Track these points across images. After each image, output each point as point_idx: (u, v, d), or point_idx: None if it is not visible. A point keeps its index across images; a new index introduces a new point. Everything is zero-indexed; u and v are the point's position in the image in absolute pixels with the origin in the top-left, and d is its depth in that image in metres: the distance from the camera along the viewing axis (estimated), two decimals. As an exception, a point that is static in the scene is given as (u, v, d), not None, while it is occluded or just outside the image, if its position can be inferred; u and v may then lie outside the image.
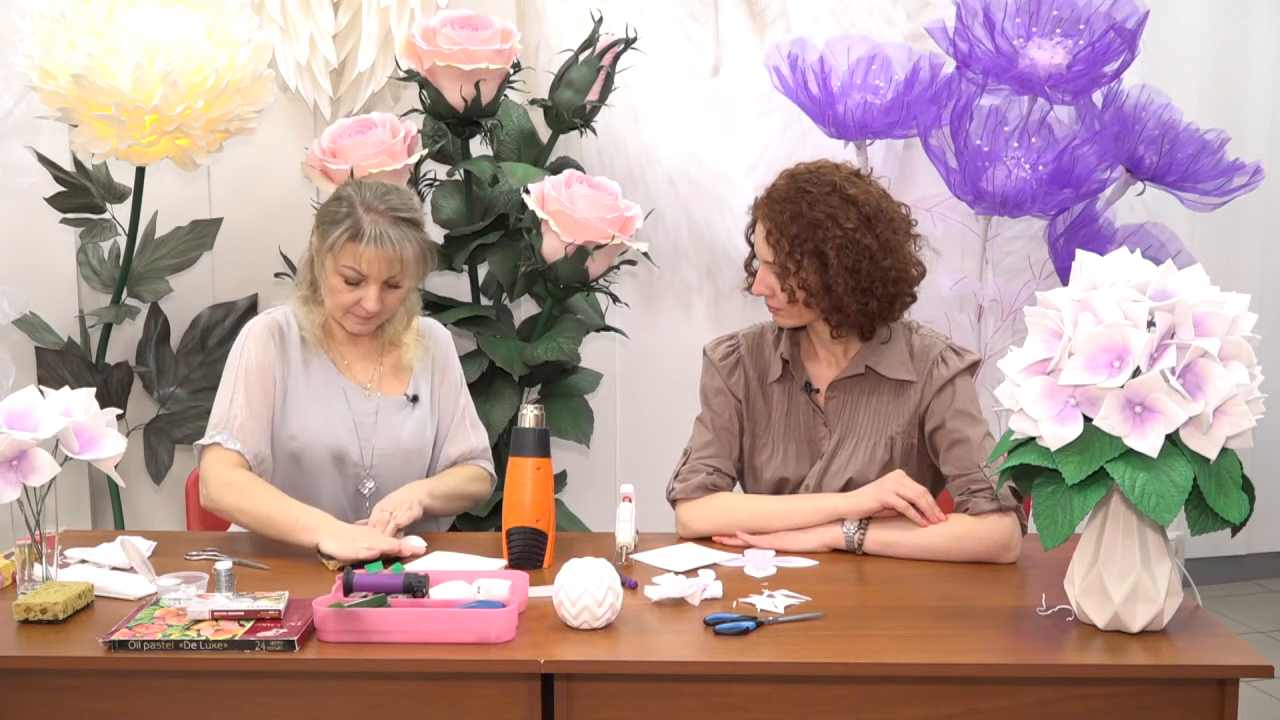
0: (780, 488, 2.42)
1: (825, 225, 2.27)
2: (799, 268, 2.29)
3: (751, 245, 2.42)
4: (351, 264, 2.36)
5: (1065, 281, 2.58)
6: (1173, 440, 1.80)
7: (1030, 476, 1.88)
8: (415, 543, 2.23)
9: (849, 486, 2.35)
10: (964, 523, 2.26)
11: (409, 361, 2.52)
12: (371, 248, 2.34)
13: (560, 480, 3.49)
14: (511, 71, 3.27)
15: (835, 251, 2.27)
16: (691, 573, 2.13)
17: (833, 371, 2.40)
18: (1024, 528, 2.32)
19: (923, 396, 2.35)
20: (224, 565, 2.00)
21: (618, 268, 3.28)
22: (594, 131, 3.48)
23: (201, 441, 2.40)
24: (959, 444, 2.30)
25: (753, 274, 2.42)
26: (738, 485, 2.50)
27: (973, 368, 2.37)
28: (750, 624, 1.91)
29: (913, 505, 2.25)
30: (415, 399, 2.52)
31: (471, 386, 3.24)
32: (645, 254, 3.36)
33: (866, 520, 2.29)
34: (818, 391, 2.40)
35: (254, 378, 2.41)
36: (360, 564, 2.13)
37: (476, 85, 3.17)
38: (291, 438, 2.43)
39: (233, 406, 2.39)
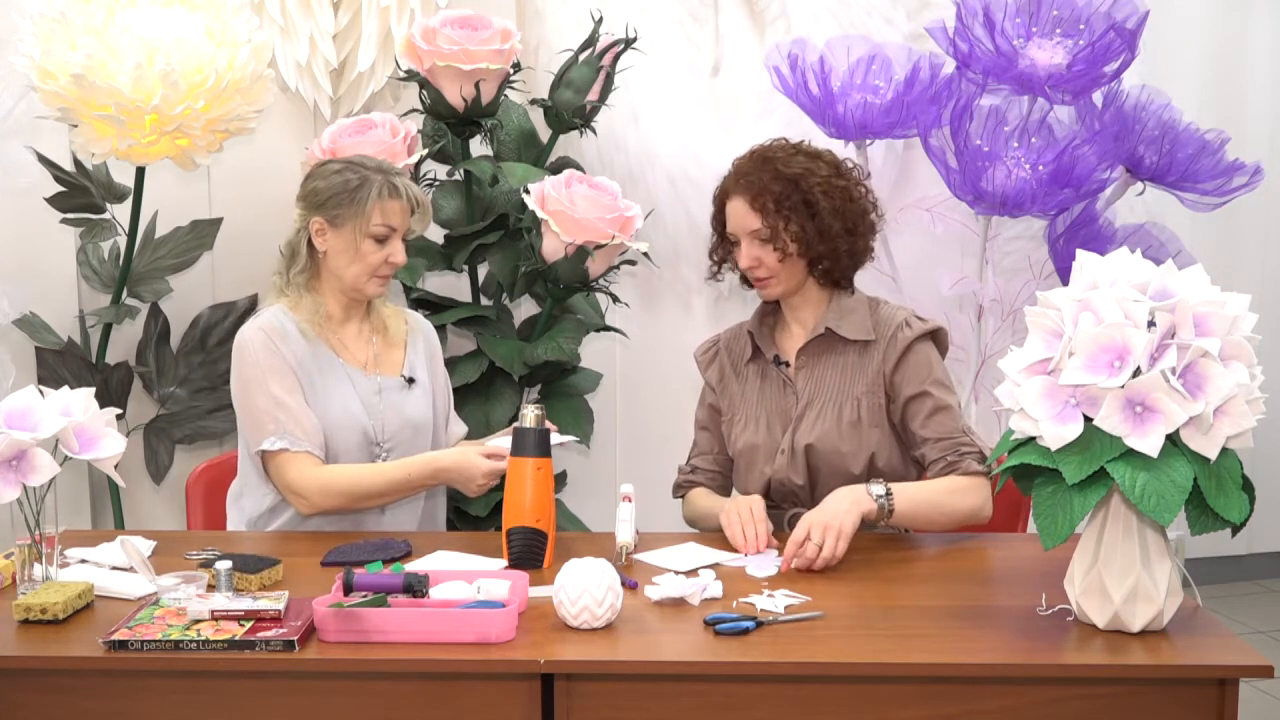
0: (752, 455, 2.49)
1: (805, 176, 2.42)
2: (789, 222, 2.41)
3: (718, 232, 2.51)
4: (385, 221, 2.50)
5: (1065, 281, 2.59)
6: (1173, 440, 1.80)
7: (1030, 476, 1.88)
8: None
9: (817, 446, 2.42)
10: (959, 480, 2.36)
11: (396, 337, 2.63)
12: (404, 201, 2.52)
13: (560, 480, 3.49)
14: (511, 71, 3.27)
15: (822, 195, 2.41)
16: (691, 573, 2.13)
17: (801, 342, 2.49)
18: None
19: (885, 356, 2.44)
20: (224, 565, 2.00)
21: (618, 268, 3.28)
22: (594, 131, 3.48)
23: (264, 448, 2.43)
24: (941, 410, 2.41)
25: (718, 261, 2.53)
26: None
27: (935, 334, 2.46)
28: (750, 624, 1.91)
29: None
30: (412, 381, 2.61)
31: (471, 386, 3.27)
32: (645, 254, 3.36)
33: (889, 491, 2.30)
34: (787, 365, 2.50)
35: (277, 376, 2.47)
36: (360, 564, 2.13)
37: (476, 85, 3.17)
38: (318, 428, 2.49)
39: (277, 409, 2.44)
